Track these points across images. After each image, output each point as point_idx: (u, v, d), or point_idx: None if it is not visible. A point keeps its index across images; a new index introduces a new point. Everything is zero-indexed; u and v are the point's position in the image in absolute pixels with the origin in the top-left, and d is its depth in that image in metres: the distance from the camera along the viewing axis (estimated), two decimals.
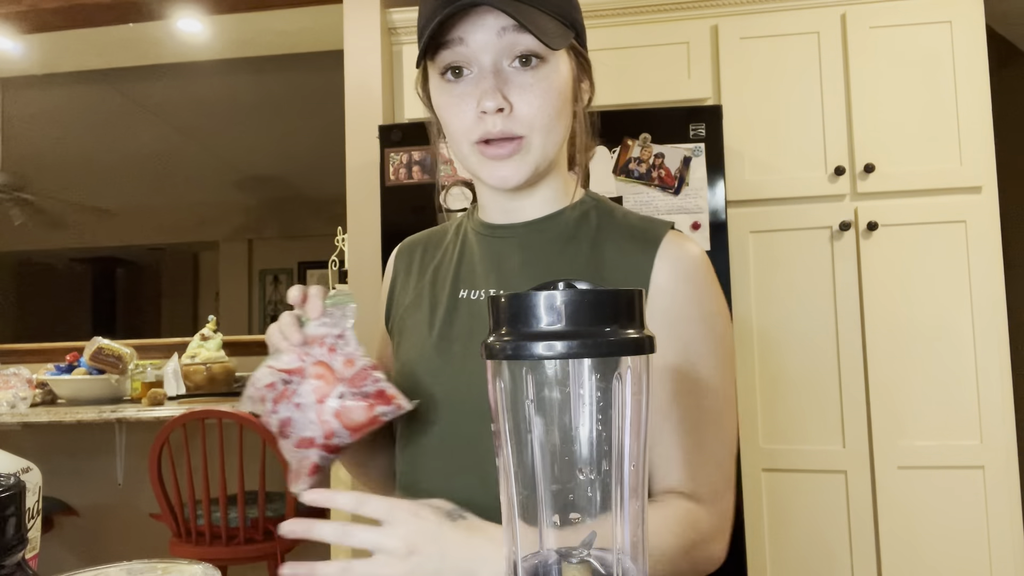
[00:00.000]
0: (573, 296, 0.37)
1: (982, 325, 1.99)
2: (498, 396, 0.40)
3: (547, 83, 0.71)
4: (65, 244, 5.85)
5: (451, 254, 0.85)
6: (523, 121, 0.71)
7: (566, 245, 0.78)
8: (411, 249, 0.91)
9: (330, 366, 0.66)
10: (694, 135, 1.98)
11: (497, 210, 0.82)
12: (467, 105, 0.72)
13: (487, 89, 0.69)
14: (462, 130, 0.73)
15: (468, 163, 0.76)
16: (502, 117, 0.70)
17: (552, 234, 0.79)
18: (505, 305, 0.38)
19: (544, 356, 0.36)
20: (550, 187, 0.80)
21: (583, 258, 0.77)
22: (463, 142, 0.74)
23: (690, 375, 0.73)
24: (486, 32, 0.69)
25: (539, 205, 0.80)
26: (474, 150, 0.73)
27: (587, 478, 0.39)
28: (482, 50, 0.70)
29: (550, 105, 0.71)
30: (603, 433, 0.39)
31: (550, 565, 0.40)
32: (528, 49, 0.70)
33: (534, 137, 0.72)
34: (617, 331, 0.37)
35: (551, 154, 0.75)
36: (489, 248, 0.81)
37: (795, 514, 2.05)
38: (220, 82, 4.45)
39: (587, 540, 0.40)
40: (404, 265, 0.90)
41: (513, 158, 0.72)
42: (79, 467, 2.92)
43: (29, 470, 0.54)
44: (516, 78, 0.71)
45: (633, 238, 0.77)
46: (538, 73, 0.71)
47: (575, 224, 0.79)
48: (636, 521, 0.39)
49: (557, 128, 0.73)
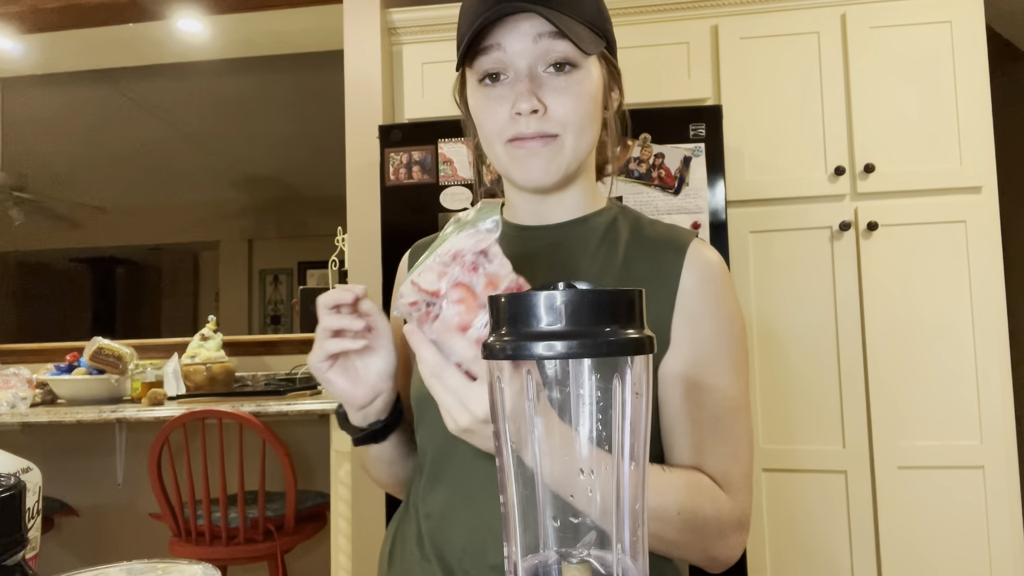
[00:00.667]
0: (573, 296, 0.37)
1: (982, 325, 1.99)
2: (498, 396, 0.40)
3: (580, 87, 0.74)
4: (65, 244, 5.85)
5: None
6: (557, 121, 0.74)
7: (597, 248, 0.81)
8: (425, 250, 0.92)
9: (472, 288, 0.60)
10: (694, 135, 1.98)
11: (527, 212, 0.84)
12: (502, 107, 0.75)
13: (522, 92, 0.73)
14: (496, 130, 0.76)
15: (501, 163, 0.78)
16: (536, 118, 0.73)
17: (583, 237, 0.82)
18: (505, 305, 0.38)
19: (544, 356, 0.36)
20: (579, 191, 0.82)
21: (615, 261, 0.80)
22: (496, 142, 0.76)
23: (709, 371, 0.76)
24: (522, 38, 0.73)
25: (568, 209, 0.83)
26: (507, 149, 0.76)
27: (585, 479, 0.39)
28: (518, 55, 0.73)
29: (583, 107, 0.74)
30: (603, 433, 0.39)
31: (550, 565, 0.40)
32: (562, 55, 0.73)
33: (568, 137, 0.75)
34: (617, 331, 0.37)
35: (582, 156, 0.77)
36: (519, 248, 0.83)
37: (795, 514, 2.05)
38: (220, 82, 4.45)
39: (587, 540, 0.40)
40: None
41: (544, 158, 0.75)
42: (79, 467, 2.92)
43: (29, 470, 0.54)
44: (550, 82, 0.74)
45: (662, 245, 0.80)
46: (571, 78, 0.74)
47: (605, 229, 0.82)
48: (636, 520, 0.39)
49: (589, 131, 0.76)
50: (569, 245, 0.81)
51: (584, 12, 0.74)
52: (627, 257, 0.80)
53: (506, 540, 0.41)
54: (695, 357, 0.76)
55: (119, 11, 2.87)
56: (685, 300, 0.77)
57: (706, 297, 0.77)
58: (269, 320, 6.51)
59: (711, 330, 0.77)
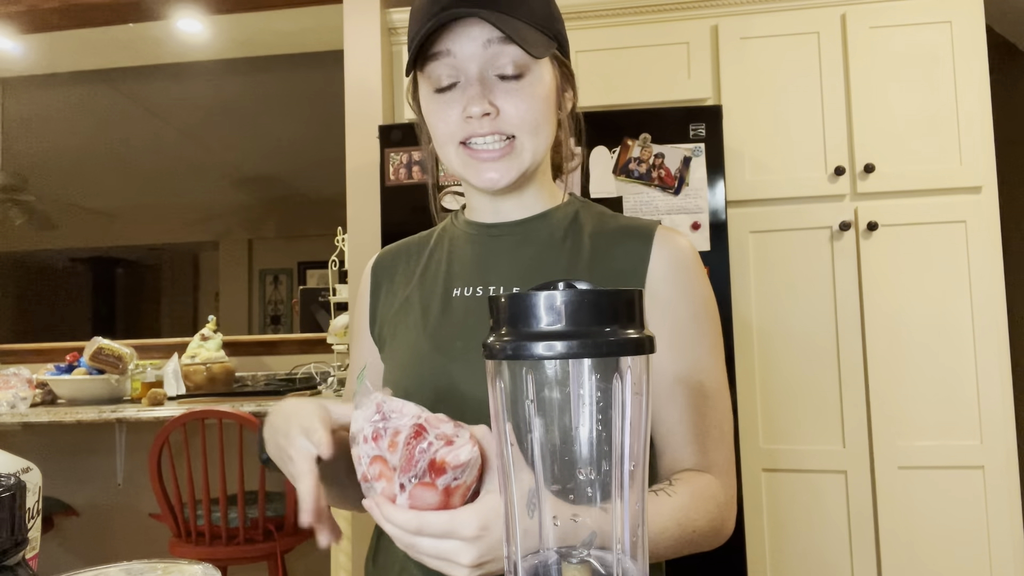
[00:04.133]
0: (573, 296, 0.37)
1: (982, 325, 1.99)
2: (498, 396, 0.39)
3: (532, 90, 0.75)
4: (65, 244, 5.85)
5: (439, 256, 0.87)
6: (511, 122, 0.74)
7: (563, 242, 0.81)
8: (392, 258, 0.92)
9: (383, 458, 0.57)
10: (694, 135, 1.98)
11: (488, 211, 0.85)
12: (454, 111, 0.75)
13: (473, 96, 0.73)
14: (448, 133, 0.76)
15: (454, 166, 0.78)
16: (489, 120, 0.73)
17: (547, 232, 0.82)
18: (505, 305, 0.38)
19: (544, 356, 0.36)
20: (537, 189, 0.83)
21: (583, 253, 0.80)
22: (449, 145, 0.77)
23: (688, 356, 0.76)
24: (472, 44, 0.73)
25: (528, 206, 0.83)
26: (460, 152, 0.76)
27: (587, 478, 0.39)
28: (469, 60, 0.73)
29: (536, 109, 0.75)
30: (603, 433, 0.39)
31: (550, 565, 0.40)
32: (513, 59, 0.73)
33: (524, 138, 0.75)
34: (617, 331, 0.37)
35: (539, 158, 0.78)
36: (484, 246, 0.83)
37: (795, 514, 2.05)
38: (220, 82, 4.45)
39: (587, 540, 0.40)
40: (387, 275, 0.91)
41: (503, 160, 0.75)
42: (79, 467, 2.92)
43: (29, 470, 0.54)
44: (502, 86, 0.74)
45: (627, 234, 0.81)
46: (523, 82, 0.74)
47: (568, 223, 0.83)
48: (636, 520, 0.39)
49: (544, 131, 0.77)
50: (534, 240, 0.82)
51: (534, 14, 0.74)
52: (594, 248, 0.80)
53: (505, 540, 0.41)
54: (673, 342, 0.76)
55: (119, 11, 2.87)
56: (657, 287, 0.77)
57: (679, 282, 0.78)
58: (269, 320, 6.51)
59: (687, 314, 0.77)
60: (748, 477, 2.06)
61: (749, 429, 2.07)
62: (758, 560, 2.06)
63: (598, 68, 2.21)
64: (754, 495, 2.07)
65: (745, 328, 2.09)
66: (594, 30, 2.23)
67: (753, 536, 2.06)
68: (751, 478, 2.07)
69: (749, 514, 2.05)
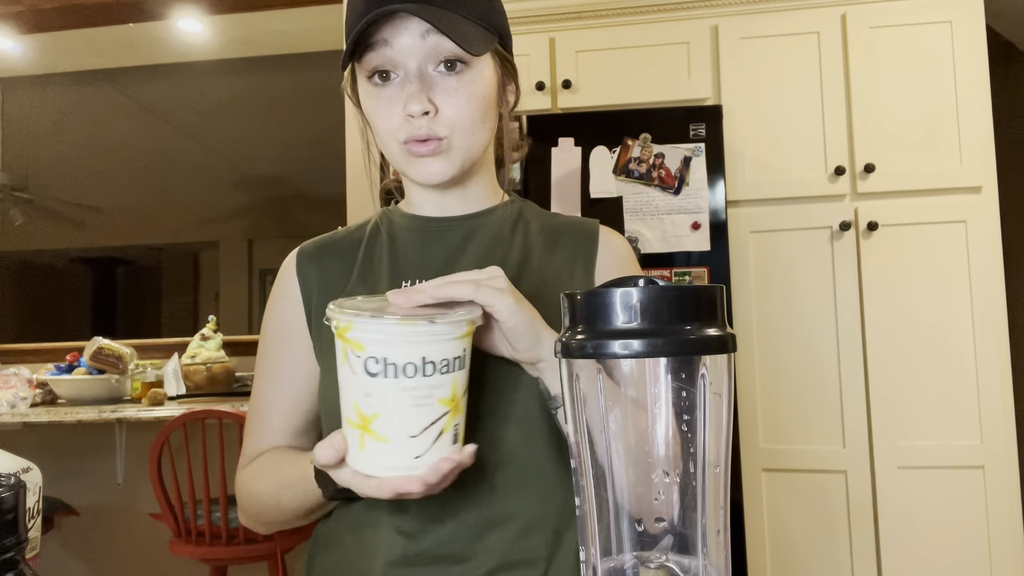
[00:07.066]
0: (653, 293, 0.35)
1: (982, 325, 1.99)
2: (574, 396, 0.38)
3: (471, 88, 0.74)
4: (65, 244, 5.84)
5: (380, 250, 0.86)
6: (447, 123, 0.74)
7: (512, 236, 0.83)
8: (319, 252, 0.88)
9: None
10: (694, 135, 1.99)
11: (430, 205, 0.85)
12: (394, 108, 0.74)
13: (412, 93, 0.72)
14: (389, 131, 0.75)
15: (397, 162, 0.79)
16: (427, 120, 0.73)
17: (495, 226, 0.83)
18: (582, 302, 0.37)
19: (621, 355, 0.35)
20: (479, 185, 0.84)
21: (535, 247, 0.82)
22: (391, 141, 0.76)
23: None
24: (410, 35, 0.72)
25: (472, 201, 0.84)
26: (402, 149, 0.76)
27: (665, 480, 0.38)
28: (407, 53, 0.72)
29: (474, 108, 0.74)
30: (685, 434, 0.37)
31: (627, 570, 0.39)
32: (452, 54, 0.72)
33: (455, 138, 0.75)
34: (698, 329, 0.36)
35: (476, 154, 0.78)
36: (433, 237, 0.83)
37: (795, 514, 2.05)
38: (220, 82, 4.45)
39: (663, 544, 0.39)
40: (316, 269, 0.86)
41: (438, 156, 0.75)
42: (79, 467, 2.92)
43: (29, 470, 0.54)
44: (441, 82, 0.73)
45: (574, 231, 0.85)
46: (463, 78, 0.73)
47: (514, 219, 0.85)
48: (718, 525, 0.38)
49: (481, 130, 0.77)
50: (483, 234, 0.82)
51: (473, 8, 0.73)
52: (545, 243, 0.83)
53: (583, 543, 0.40)
54: None
55: (119, 11, 2.87)
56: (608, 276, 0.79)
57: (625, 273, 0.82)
58: None
59: None
60: (748, 477, 2.06)
61: (749, 429, 2.07)
62: (758, 560, 2.06)
63: (598, 68, 2.21)
64: (754, 495, 2.07)
65: (745, 328, 2.09)
66: (594, 30, 2.23)
67: (753, 536, 2.06)
68: (751, 478, 2.07)
69: (749, 514, 2.05)
